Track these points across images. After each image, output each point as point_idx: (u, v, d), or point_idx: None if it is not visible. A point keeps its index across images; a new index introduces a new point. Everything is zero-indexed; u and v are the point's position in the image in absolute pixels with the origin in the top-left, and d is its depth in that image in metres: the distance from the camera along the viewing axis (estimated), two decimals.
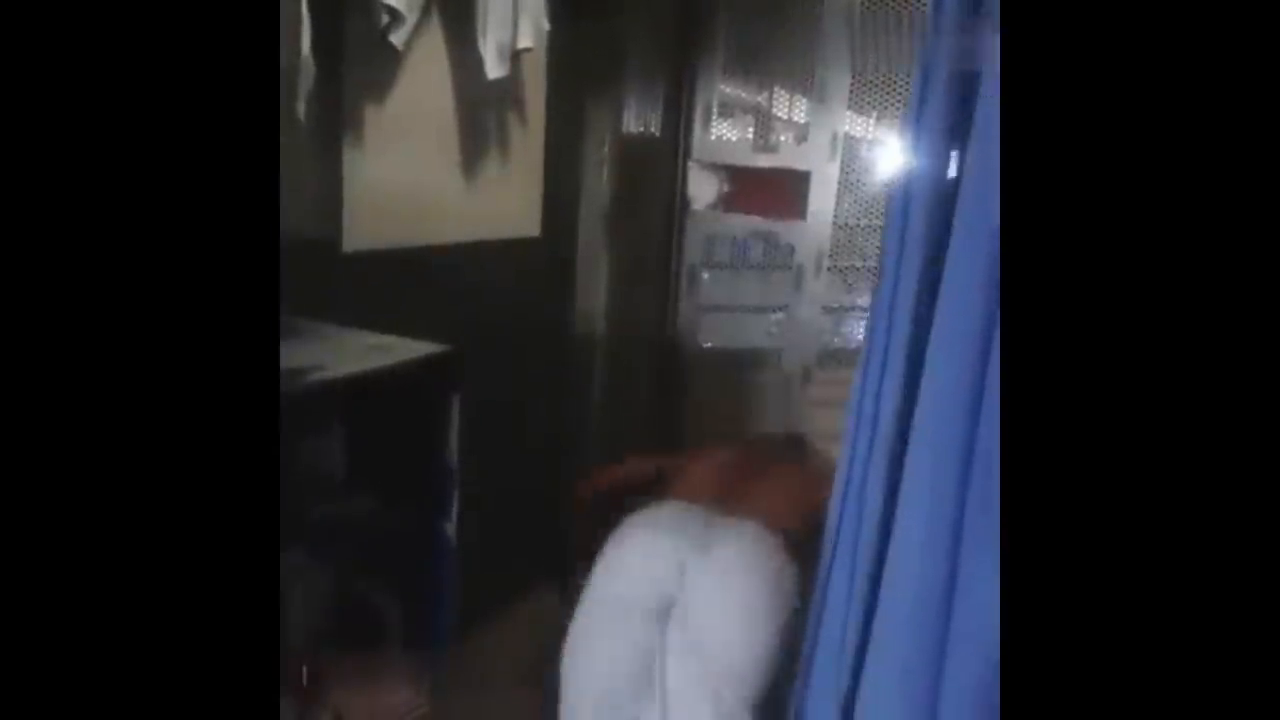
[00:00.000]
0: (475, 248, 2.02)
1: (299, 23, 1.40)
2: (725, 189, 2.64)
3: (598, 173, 2.44)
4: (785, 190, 2.51)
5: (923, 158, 0.97)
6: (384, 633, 1.72)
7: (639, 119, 2.53)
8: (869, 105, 2.42)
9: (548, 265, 2.36)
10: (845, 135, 2.43)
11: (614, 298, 2.57)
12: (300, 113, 1.45)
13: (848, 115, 2.42)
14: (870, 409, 1.01)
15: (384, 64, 1.68)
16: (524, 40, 1.85)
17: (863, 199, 2.50)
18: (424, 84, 1.78)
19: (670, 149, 2.62)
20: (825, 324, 2.62)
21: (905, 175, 1.00)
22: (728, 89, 2.58)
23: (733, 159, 2.60)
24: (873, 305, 1.07)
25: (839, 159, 2.44)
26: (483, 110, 1.94)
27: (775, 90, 2.56)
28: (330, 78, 1.55)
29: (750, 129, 2.60)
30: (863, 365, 1.04)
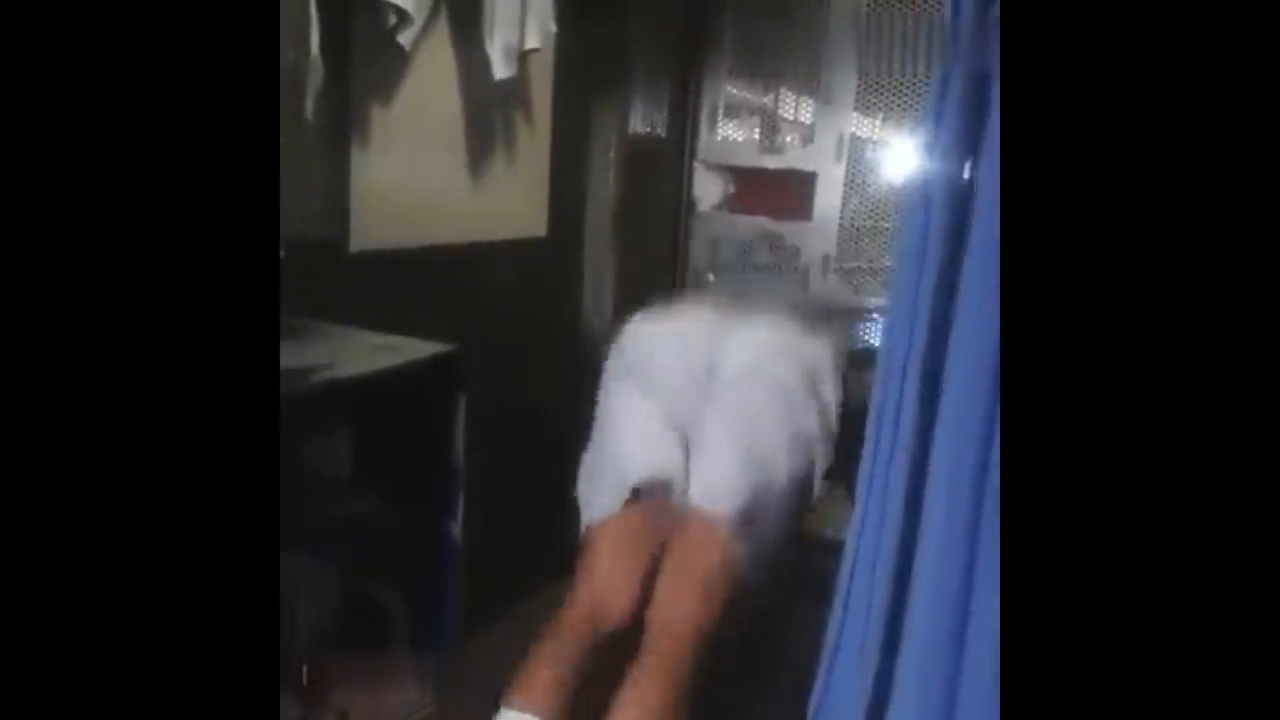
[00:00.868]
0: (481, 248, 2.03)
1: (307, 23, 1.40)
2: (731, 190, 2.64)
3: (604, 173, 2.43)
4: (791, 191, 2.51)
5: (940, 162, 0.97)
6: (390, 632, 1.72)
7: (645, 120, 2.53)
8: (875, 106, 2.41)
9: (554, 266, 2.36)
10: (851, 136, 2.43)
11: (620, 298, 2.57)
12: (307, 112, 1.46)
13: (854, 116, 2.42)
14: (891, 414, 1.01)
15: (391, 64, 1.68)
16: (531, 41, 1.86)
17: (869, 200, 2.49)
18: (431, 84, 1.78)
19: (676, 150, 2.62)
20: None
21: (923, 179, 0.99)
22: (733, 90, 2.58)
23: (738, 160, 2.60)
24: (889, 310, 1.07)
25: (845, 160, 2.44)
26: (489, 111, 1.94)
27: (781, 91, 2.56)
28: (337, 78, 1.55)
29: (756, 130, 2.60)
30: (882, 371, 1.04)
